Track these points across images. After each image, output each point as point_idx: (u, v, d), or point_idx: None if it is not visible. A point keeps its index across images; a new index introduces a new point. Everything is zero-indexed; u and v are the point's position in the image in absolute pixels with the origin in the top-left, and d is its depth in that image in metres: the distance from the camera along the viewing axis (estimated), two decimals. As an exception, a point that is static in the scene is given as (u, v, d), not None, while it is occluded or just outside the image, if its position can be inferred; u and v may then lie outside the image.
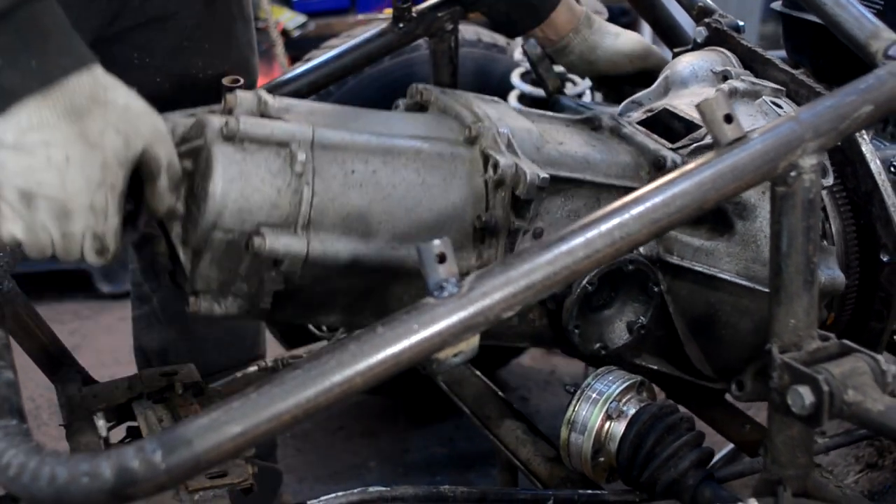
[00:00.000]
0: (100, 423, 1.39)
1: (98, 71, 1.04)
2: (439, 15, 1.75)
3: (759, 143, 1.04)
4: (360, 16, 4.08)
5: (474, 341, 0.97)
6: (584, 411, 1.41)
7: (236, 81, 1.25)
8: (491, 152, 1.27)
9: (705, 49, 1.62)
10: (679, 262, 1.39)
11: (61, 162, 1.01)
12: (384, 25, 1.73)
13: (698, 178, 1.02)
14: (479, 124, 1.30)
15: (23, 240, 1.07)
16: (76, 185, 1.02)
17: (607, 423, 1.40)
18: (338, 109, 1.33)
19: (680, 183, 1.02)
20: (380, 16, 3.97)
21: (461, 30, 2.15)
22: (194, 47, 1.55)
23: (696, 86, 1.54)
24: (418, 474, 2.25)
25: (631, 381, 1.43)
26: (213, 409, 0.89)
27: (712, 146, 1.30)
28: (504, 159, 1.25)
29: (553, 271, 0.96)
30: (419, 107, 1.43)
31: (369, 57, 1.72)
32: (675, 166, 1.36)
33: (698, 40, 1.66)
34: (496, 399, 1.68)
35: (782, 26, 1.74)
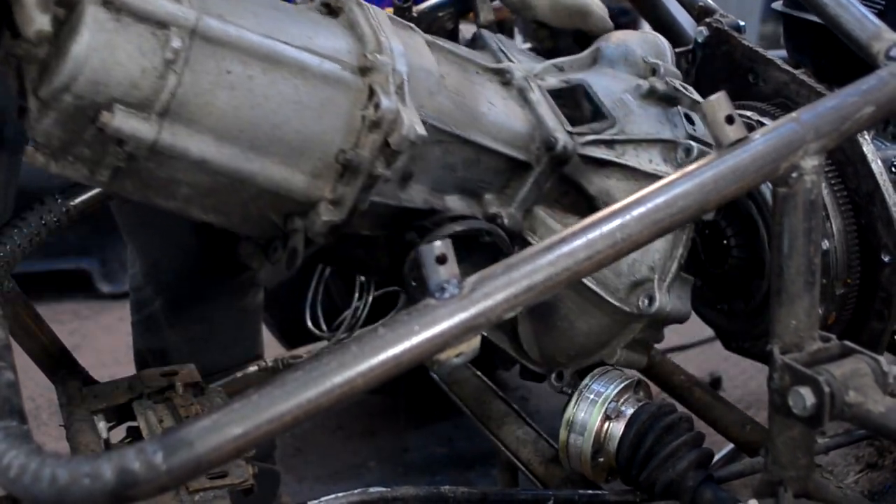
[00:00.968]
0: (100, 423, 1.39)
1: None
2: (439, 15, 1.75)
3: (760, 145, 1.04)
4: (359, 15, 4.07)
5: (475, 342, 0.97)
6: (583, 412, 1.41)
7: None
8: (378, 90, 1.18)
9: (648, 32, 1.58)
10: None
11: None
12: (384, 25, 1.72)
13: (700, 180, 1.02)
14: (378, 56, 1.21)
15: None
16: None
17: (606, 424, 1.40)
18: None
19: (681, 184, 1.02)
20: (380, 15, 3.95)
21: (461, 30, 2.15)
22: None
23: (622, 70, 1.49)
24: (418, 474, 2.25)
25: (628, 382, 1.44)
26: (214, 410, 0.89)
27: (611, 143, 1.35)
28: (387, 102, 1.17)
29: (555, 272, 0.96)
30: (331, 10, 1.31)
31: (370, 57, 1.72)
32: (565, 152, 1.33)
33: (699, 40, 1.66)
34: (496, 399, 1.68)
35: (783, 26, 1.74)
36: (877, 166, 1.41)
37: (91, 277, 3.24)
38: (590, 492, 1.41)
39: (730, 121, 1.05)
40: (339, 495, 1.26)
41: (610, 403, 1.40)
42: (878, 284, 1.44)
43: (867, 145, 1.41)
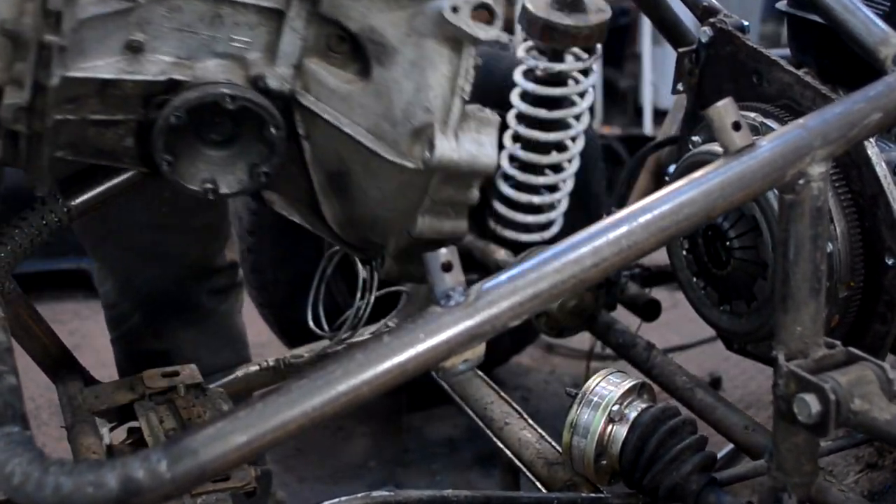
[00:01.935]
0: (101, 425, 1.39)
1: None
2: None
3: (767, 151, 1.04)
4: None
5: (480, 349, 0.96)
6: (587, 415, 1.41)
7: None
8: None
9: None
10: (312, 104, 1.20)
11: None
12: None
13: (706, 187, 1.01)
14: None
15: None
16: None
17: (609, 427, 1.40)
18: None
19: (687, 191, 1.01)
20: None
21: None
22: None
23: None
24: (418, 475, 2.24)
25: (632, 384, 1.43)
26: (218, 418, 0.88)
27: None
28: None
29: (560, 280, 0.95)
30: None
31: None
32: None
33: (703, 40, 1.65)
34: (499, 401, 1.68)
35: (787, 26, 1.73)
36: (881, 169, 1.40)
37: (91, 277, 3.23)
38: (592, 495, 1.41)
39: (737, 127, 1.04)
40: (343, 499, 1.25)
41: (613, 406, 1.40)
42: (882, 287, 1.43)
43: (871, 148, 1.40)
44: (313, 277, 1.90)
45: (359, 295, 1.80)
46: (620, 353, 1.90)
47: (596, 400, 1.41)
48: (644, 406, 1.41)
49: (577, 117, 2.15)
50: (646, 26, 4.60)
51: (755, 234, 1.50)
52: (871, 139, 1.40)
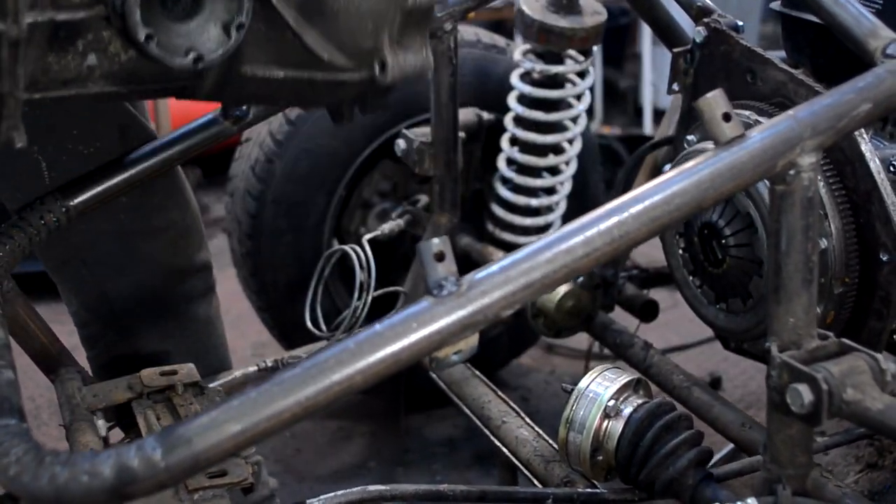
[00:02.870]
0: (100, 422, 1.39)
1: None
2: (439, 15, 1.75)
3: (757, 142, 1.04)
4: (359, 16, 4.07)
5: (473, 340, 0.97)
6: (582, 410, 1.41)
7: None
8: None
9: None
10: None
11: None
12: (384, 26, 1.72)
13: (697, 177, 1.02)
14: None
15: None
16: None
17: (605, 422, 1.40)
18: None
19: (679, 181, 1.02)
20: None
21: (461, 30, 2.15)
22: None
23: None
24: (418, 475, 2.25)
25: (628, 380, 1.44)
26: (212, 407, 0.89)
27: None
28: None
29: (552, 270, 0.96)
30: None
31: (369, 57, 1.72)
32: None
33: (697, 40, 1.66)
34: (496, 399, 1.69)
35: (781, 26, 1.74)
36: (875, 165, 1.41)
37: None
38: (589, 490, 1.41)
39: (727, 118, 1.05)
40: (338, 493, 1.26)
41: (609, 402, 1.40)
42: (877, 283, 1.44)
43: (865, 144, 1.41)
44: (310, 279, 1.91)
45: (356, 295, 1.80)
46: (618, 353, 1.90)
47: (592, 395, 1.41)
48: (640, 401, 1.41)
49: (574, 119, 2.17)
50: (646, 26, 4.60)
51: (750, 232, 1.50)
52: (864, 136, 1.41)
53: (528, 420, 1.62)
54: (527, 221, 2.21)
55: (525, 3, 2.03)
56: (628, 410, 1.40)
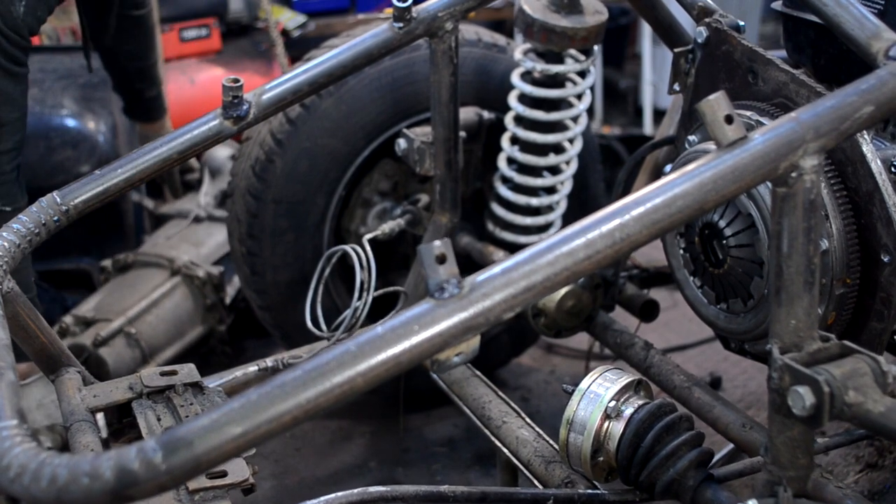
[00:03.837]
0: (100, 423, 1.39)
1: None
2: (439, 15, 1.75)
3: (759, 144, 1.04)
4: (360, 16, 4.07)
5: (475, 342, 0.97)
6: (583, 411, 1.41)
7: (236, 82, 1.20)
8: None
9: None
10: None
11: None
12: (384, 25, 1.73)
13: (699, 180, 1.02)
14: None
15: None
16: None
17: (606, 423, 1.40)
18: None
19: (681, 183, 1.01)
20: (380, 16, 3.96)
21: (461, 30, 2.15)
22: None
23: None
24: (418, 475, 2.24)
25: (629, 381, 1.44)
26: (213, 409, 0.89)
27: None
28: None
29: (553, 272, 0.96)
30: None
31: (369, 57, 1.72)
32: None
33: (699, 40, 1.66)
34: (497, 400, 1.69)
35: (783, 26, 1.74)
36: (876, 166, 1.40)
37: (91, 277, 3.23)
38: (589, 491, 1.41)
39: (729, 120, 1.04)
40: (339, 495, 1.26)
41: (610, 402, 1.40)
42: (878, 284, 1.44)
43: (867, 145, 1.40)
44: (310, 279, 1.91)
45: (356, 295, 1.80)
46: (618, 353, 1.90)
47: (593, 396, 1.41)
48: (641, 402, 1.41)
49: (574, 119, 2.16)
50: (646, 26, 4.60)
51: (751, 232, 1.50)
52: (866, 137, 1.41)
53: (528, 420, 1.61)
54: (527, 221, 2.20)
55: (526, 2, 2.02)
56: (629, 411, 1.40)
